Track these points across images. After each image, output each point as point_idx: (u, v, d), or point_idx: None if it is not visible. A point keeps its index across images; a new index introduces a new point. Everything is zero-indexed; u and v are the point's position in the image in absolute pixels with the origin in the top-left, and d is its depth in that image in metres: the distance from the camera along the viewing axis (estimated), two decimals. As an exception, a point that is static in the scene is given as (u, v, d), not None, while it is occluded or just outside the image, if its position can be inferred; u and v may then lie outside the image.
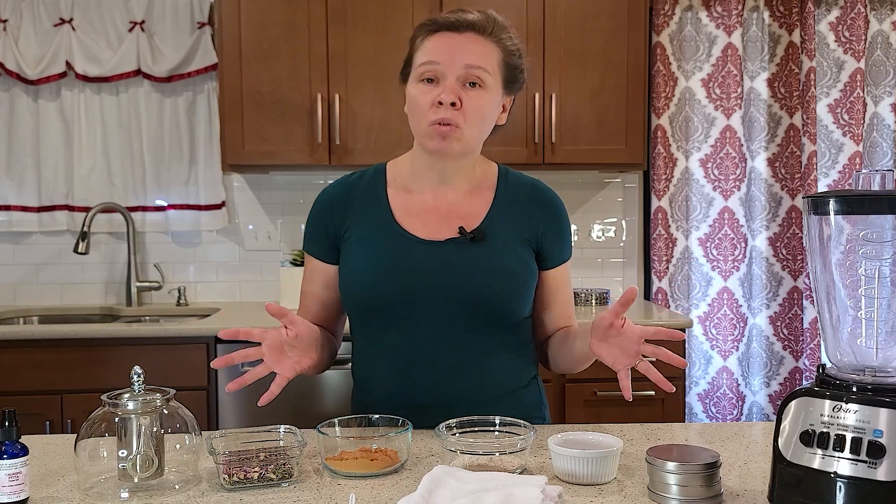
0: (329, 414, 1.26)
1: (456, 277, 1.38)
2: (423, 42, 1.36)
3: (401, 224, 1.42)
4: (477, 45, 1.34)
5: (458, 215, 1.43)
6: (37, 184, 3.16)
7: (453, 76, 1.33)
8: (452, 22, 1.34)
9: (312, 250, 1.50)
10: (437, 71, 1.33)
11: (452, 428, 1.23)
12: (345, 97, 2.85)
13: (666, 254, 3.21)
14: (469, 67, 1.32)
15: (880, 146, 3.23)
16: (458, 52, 1.32)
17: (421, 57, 1.35)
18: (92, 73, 3.08)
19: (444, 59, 1.33)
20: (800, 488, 0.99)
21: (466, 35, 1.34)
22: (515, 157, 2.84)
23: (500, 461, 1.16)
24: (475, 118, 1.35)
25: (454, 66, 1.32)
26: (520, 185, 1.49)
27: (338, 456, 1.19)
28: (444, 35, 1.34)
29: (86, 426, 1.13)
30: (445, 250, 1.40)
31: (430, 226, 1.42)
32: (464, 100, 1.33)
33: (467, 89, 1.34)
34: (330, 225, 1.46)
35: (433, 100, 1.33)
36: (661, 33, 3.15)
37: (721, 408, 3.21)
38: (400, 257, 1.39)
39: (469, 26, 1.34)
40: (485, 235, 1.40)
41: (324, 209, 1.49)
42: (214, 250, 3.26)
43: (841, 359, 1.05)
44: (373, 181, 1.48)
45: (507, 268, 1.40)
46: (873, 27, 3.21)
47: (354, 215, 1.45)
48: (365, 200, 1.46)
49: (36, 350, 2.57)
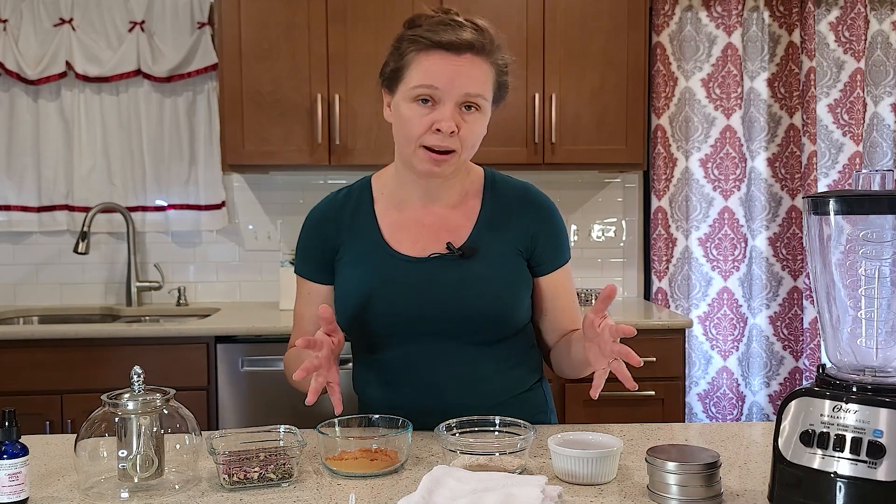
0: (329, 414, 1.26)
1: (446, 294, 1.36)
2: (416, 57, 1.30)
3: (389, 242, 1.40)
4: (476, 70, 1.30)
5: (447, 229, 1.41)
6: (37, 184, 3.16)
7: (451, 102, 1.29)
8: (450, 42, 1.28)
9: (306, 272, 1.47)
10: (435, 95, 1.29)
11: (452, 428, 1.23)
12: (345, 97, 2.85)
13: (666, 254, 3.21)
14: (469, 96, 1.29)
15: (880, 146, 3.23)
16: (459, 78, 1.28)
17: (416, 77, 1.30)
18: (92, 73, 3.08)
19: (443, 84, 1.28)
20: (800, 488, 0.99)
21: (465, 58, 1.29)
22: (515, 157, 2.84)
23: (499, 461, 1.16)
24: (470, 142, 1.33)
25: (453, 92, 1.28)
26: (508, 191, 1.46)
27: (338, 456, 1.19)
28: (443, 56, 1.28)
29: (86, 426, 1.13)
30: (434, 267, 1.38)
31: (420, 242, 1.40)
32: (461, 126, 1.30)
33: (464, 113, 1.30)
34: (322, 246, 1.44)
35: (429, 124, 1.29)
36: (661, 33, 3.15)
37: (721, 408, 3.21)
38: (389, 277, 1.38)
39: (468, 47, 1.28)
40: (474, 251, 1.38)
41: (314, 231, 1.46)
42: (214, 250, 3.26)
43: (841, 359, 1.05)
44: (360, 199, 1.46)
45: (498, 281, 1.38)
46: (873, 27, 3.21)
47: (345, 236, 1.43)
48: (354, 220, 1.44)
49: (36, 350, 2.57)
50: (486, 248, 1.39)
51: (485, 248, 1.39)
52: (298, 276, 1.48)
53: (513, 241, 1.41)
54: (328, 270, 1.45)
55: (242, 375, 2.60)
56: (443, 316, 1.36)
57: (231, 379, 2.60)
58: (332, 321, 1.25)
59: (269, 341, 2.60)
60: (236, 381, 2.60)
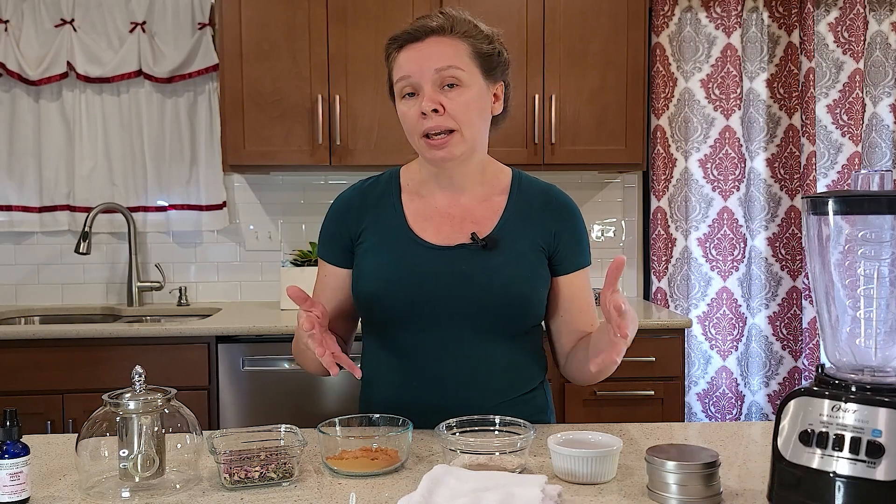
0: (330, 413, 1.26)
1: (466, 284, 1.38)
2: (394, 60, 1.38)
3: (413, 229, 1.42)
4: (441, 47, 1.34)
5: (472, 220, 1.43)
6: (38, 184, 3.16)
7: (428, 84, 1.33)
8: (413, 33, 1.35)
9: (326, 255, 1.50)
10: (413, 84, 1.35)
11: (452, 427, 1.23)
12: (345, 97, 2.86)
13: (665, 254, 3.22)
14: (439, 71, 1.33)
15: (879, 146, 3.23)
16: (425, 59, 1.33)
17: (396, 74, 1.38)
18: (93, 73, 3.09)
19: (413, 70, 1.34)
20: (799, 488, 0.99)
21: (429, 41, 1.34)
22: (515, 158, 2.85)
23: (499, 460, 1.17)
24: (465, 116, 1.35)
25: (425, 73, 1.33)
26: (533, 191, 1.48)
27: (338, 455, 1.19)
28: (410, 48, 1.35)
29: (87, 426, 1.13)
30: (456, 256, 1.40)
31: (443, 231, 1.42)
32: (445, 103, 1.33)
33: (446, 91, 1.34)
34: (345, 230, 1.47)
35: (418, 112, 1.34)
36: (660, 34, 3.15)
37: (720, 407, 3.21)
38: (410, 263, 1.40)
39: (429, 32, 1.34)
40: (497, 243, 1.40)
41: (339, 214, 1.49)
42: (215, 250, 3.27)
43: (840, 358, 1.06)
44: (387, 187, 1.48)
45: (518, 276, 1.40)
46: (872, 28, 3.21)
47: (369, 221, 1.45)
48: (379, 206, 1.46)
49: (37, 350, 2.57)
50: (508, 242, 1.41)
51: (508, 241, 1.41)
52: (319, 258, 1.52)
53: (535, 237, 1.43)
54: (348, 255, 1.47)
55: (243, 375, 2.60)
56: (461, 305, 1.38)
57: (232, 379, 2.60)
58: (305, 298, 1.26)
59: (270, 341, 2.60)
60: (237, 380, 2.60)
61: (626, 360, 2.61)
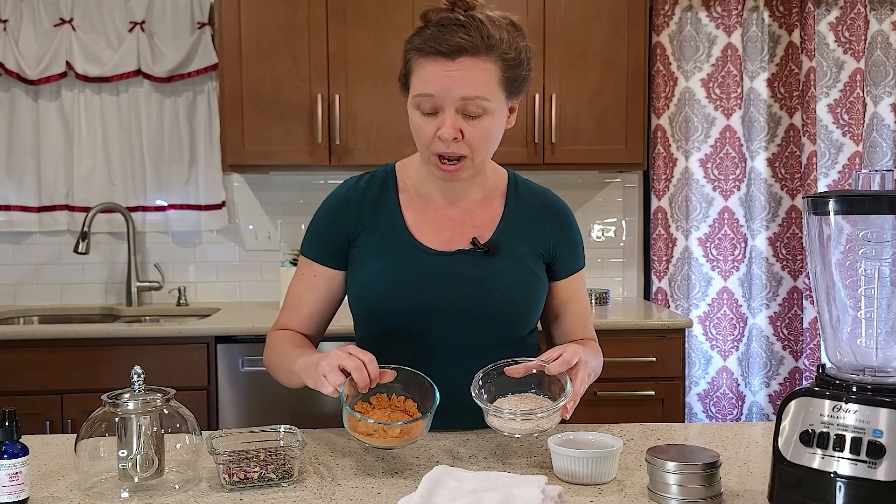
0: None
1: (467, 290, 1.37)
2: (416, 63, 1.29)
3: (413, 233, 1.41)
4: (472, 72, 1.25)
5: (472, 224, 1.42)
6: (37, 184, 3.16)
7: (451, 108, 1.26)
8: (442, 49, 1.25)
9: (315, 255, 1.45)
10: (434, 103, 1.27)
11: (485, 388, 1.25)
12: (345, 97, 2.85)
13: (666, 254, 3.22)
14: (466, 100, 1.26)
15: (880, 146, 3.23)
16: (453, 83, 1.25)
17: (416, 84, 1.29)
18: (92, 73, 3.08)
19: (438, 90, 1.26)
20: (800, 488, 0.99)
21: (460, 62, 1.25)
22: (515, 158, 2.84)
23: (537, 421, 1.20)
24: (482, 144, 1.31)
25: (450, 98, 1.26)
26: (530, 195, 1.47)
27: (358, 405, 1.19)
28: (437, 63, 1.26)
29: (86, 426, 1.13)
30: (458, 262, 1.39)
31: (443, 235, 1.41)
32: (466, 131, 1.28)
33: (468, 119, 1.28)
34: (340, 229, 1.43)
35: (434, 132, 1.28)
36: (660, 33, 3.15)
37: (721, 408, 3.21)
38: (411, 269, 1.38)
39: (461, 51, 1.24)
40: (498, 248, 1.40)
41: (333, 213, 1.44)
42: (214, 250, 3.26)
43: (841, 359, 1.06)
44: (383, 186, 1.44)
45: (519, 281, 1.40)
46: (873, 27, 3.21)
47: (366, 222, 1.42)
48: (376, 207, 1.42)
49: (36, 350, 2.57)
50: (508, 248, 1.41)
51: (507, 247, 1.41)
52: (305, 257, 1.46)
53: (534, 244, 1.43)
54: (341, 256, 1.43)
55: (242, 375, 2.60)
56: (463, 310, 1.37)
57: (231, 379, 2.60)
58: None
59: (269, 341, 2.59)
60: (236, 380, 2.60)
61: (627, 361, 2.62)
